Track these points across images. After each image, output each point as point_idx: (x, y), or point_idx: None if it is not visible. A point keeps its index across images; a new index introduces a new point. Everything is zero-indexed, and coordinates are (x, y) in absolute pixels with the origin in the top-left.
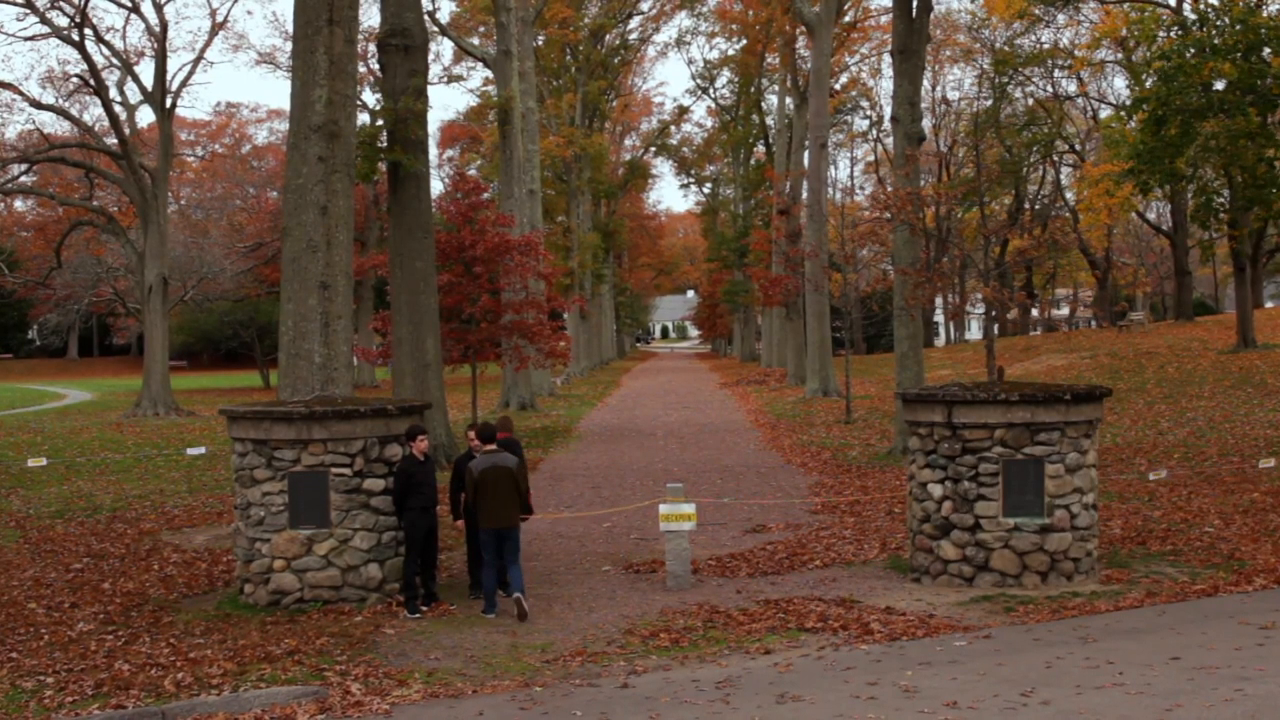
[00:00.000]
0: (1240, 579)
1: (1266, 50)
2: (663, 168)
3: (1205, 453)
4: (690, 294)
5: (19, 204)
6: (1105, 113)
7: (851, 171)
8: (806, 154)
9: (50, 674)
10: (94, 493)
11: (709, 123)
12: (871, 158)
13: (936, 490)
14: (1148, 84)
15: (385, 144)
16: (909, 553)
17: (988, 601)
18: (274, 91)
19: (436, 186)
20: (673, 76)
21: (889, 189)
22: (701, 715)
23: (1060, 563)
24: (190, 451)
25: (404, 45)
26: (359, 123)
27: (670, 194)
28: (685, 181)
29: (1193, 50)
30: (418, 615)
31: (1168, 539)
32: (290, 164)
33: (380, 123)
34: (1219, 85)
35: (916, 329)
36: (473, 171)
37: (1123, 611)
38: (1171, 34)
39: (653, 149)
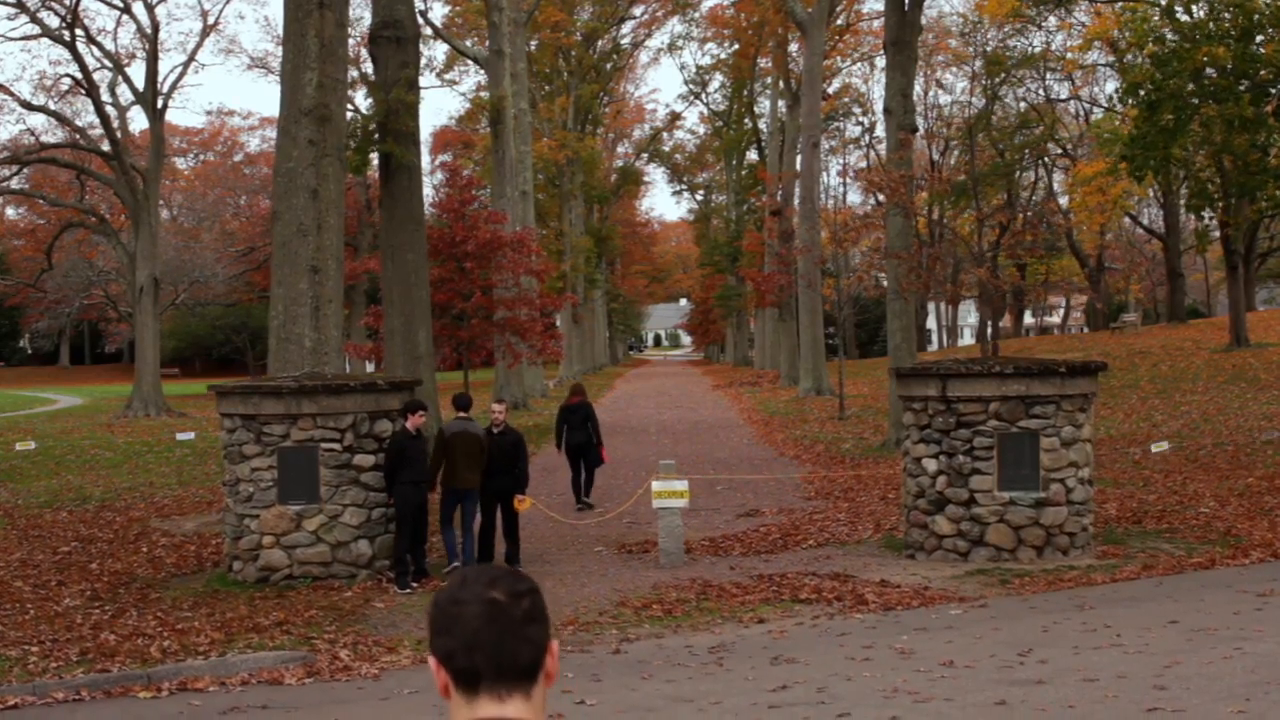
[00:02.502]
0: (1237, 553)
1: (1260, 38)
2: (655, 174)
3: (1200, 443)
4: (683, 302)
5: (10, 211)
6: (1097, 114)
7: (844, 177)
8: (799, 155)
9: (35, 644)
10: (83, 485)
11: (701, 129)
12: (864, 164)
13: (931, 465)
14: (1138, 73)
15: (377, 136)
16: (903, 530)
17: (983, 575)
18: (266, 98)
19: (428, 193)
20: (665, 83)
21: (883, 169)
22: (695, 676)
23: (1056, 537)
24: (180, 436)
25: (395, 37)
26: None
27: (663, 202)
28: (678, 189)
29: (1186, 36)
30: (408, 590)
31: (1163, 518)
32: (280, 148)
33: (373, 117)
34: (1212, 73)
35: (909, 320)
36: (466, 174)
37: (1119, 583)
38: (1165, 30)
39: (645, 155)
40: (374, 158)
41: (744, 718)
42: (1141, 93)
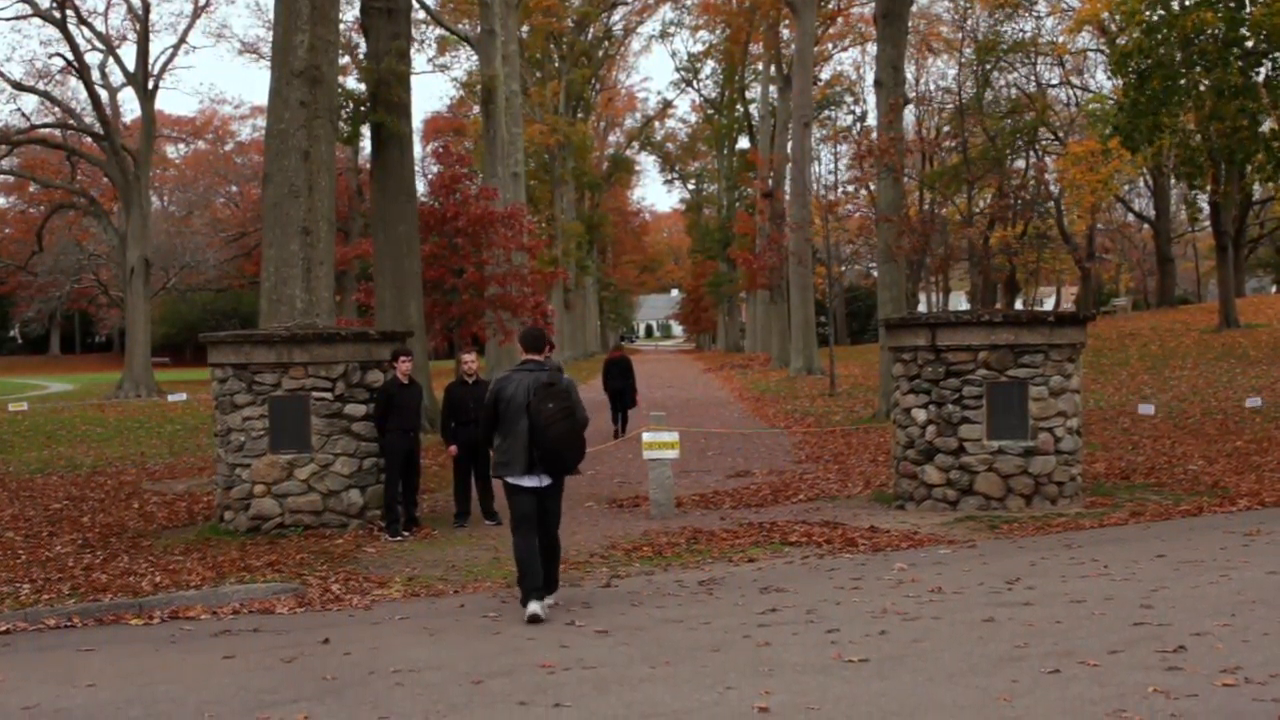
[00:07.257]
0: (1224, 502)
1: (1250, 7)
2: (647, 163)
3: (1189, 413)
4: (674, 292)
5: (0, 200)
6: (1087, 99)
7: (836, 168)
8: (790, 138)
9: (27, 582)
10: (74, 455)
11: (693, 118)
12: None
13: (920, 415)
14: (1129, 45)
15: (369, 107)
16: (893, 481)
17: (972, 521)
18: (257, 86)
19: (420, 184)
20: (656, 71)
21: (873, 137)
22: (685, 603)
23: (1044, 486)
24: (171, 398)
25: (387, 8)
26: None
27: (654, 193)
28: (669, 177)
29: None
30: (399, 538)
31: (1151, 474)
32: (272, 109)
33: (365, 96)
34: (1205, 36)
35: (899, 290)
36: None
37: (1108, 528)
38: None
39: (636, 144)
40: (365, 146)
41: (733, 635)
42: (1131, 65)
